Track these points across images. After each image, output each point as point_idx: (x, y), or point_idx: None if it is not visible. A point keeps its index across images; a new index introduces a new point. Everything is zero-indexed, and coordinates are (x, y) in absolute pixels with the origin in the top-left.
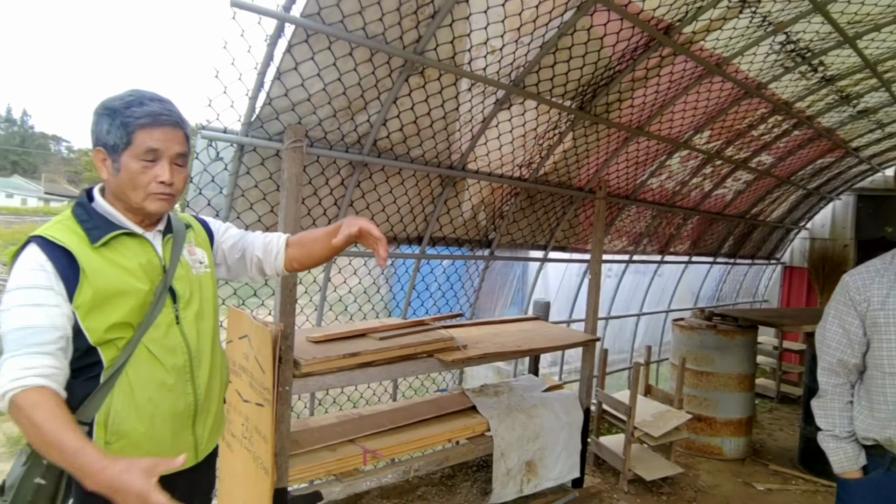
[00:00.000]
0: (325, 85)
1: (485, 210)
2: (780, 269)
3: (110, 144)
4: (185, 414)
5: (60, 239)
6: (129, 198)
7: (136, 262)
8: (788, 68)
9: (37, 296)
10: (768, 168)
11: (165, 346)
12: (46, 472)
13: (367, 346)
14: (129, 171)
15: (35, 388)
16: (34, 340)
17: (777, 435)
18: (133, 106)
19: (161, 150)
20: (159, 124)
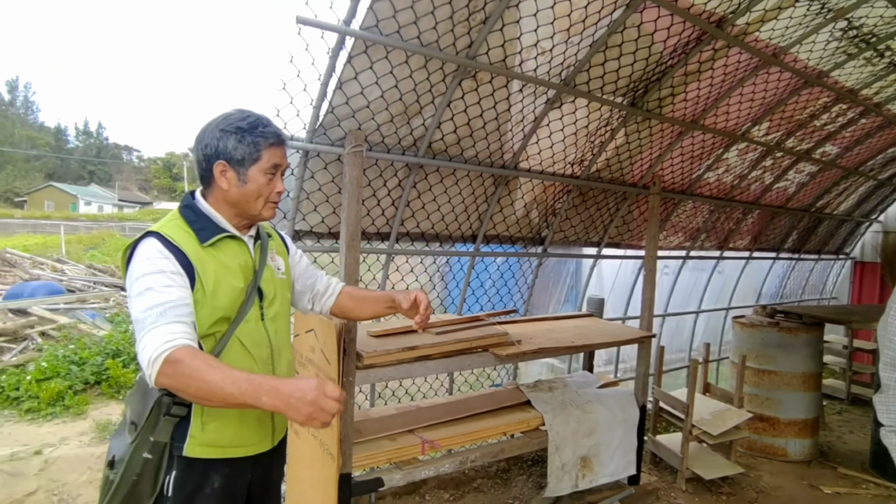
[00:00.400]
0: (383, 92)
1: (537, 208)
2: (850, 264)
3: (237, 158)
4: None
5: (175, 238)
6: (250, 206)
7: (235, 262)
8: (852, 55)
9: (167, 279)
10: (833, 159)
11: (253, 340)
12: (153, 447)
13: (425, 340)
14: (257, 182)
15: (185, 346)
16: (173, 313)
17: (847, 438)
18: (259, 126)
19: (281, 165)
20: (280, 143)
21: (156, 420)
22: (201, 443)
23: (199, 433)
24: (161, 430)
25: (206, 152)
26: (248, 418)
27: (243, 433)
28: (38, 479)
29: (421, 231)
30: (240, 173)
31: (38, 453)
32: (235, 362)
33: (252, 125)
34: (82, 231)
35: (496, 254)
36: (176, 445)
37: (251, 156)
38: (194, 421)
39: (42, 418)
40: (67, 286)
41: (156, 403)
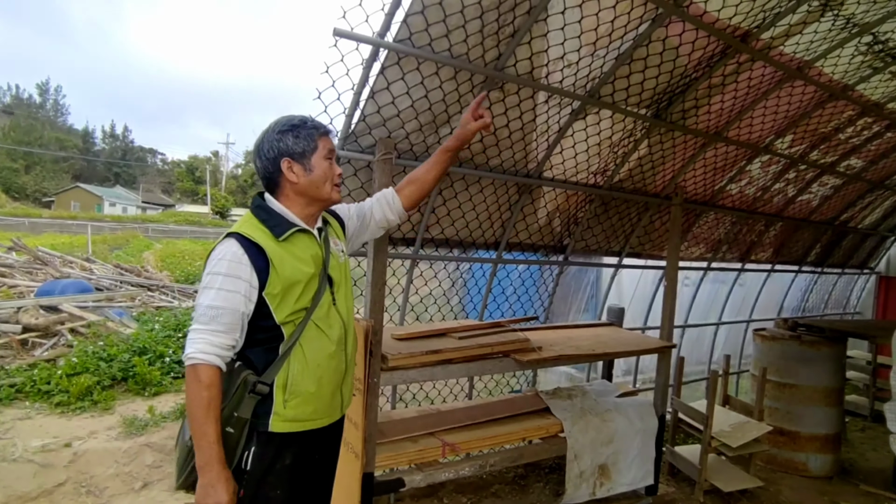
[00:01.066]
0: (413, 101)
1: (560, 216)
2: (875, 279)
3: (298, 152)
4: (339, 377)
5: (253, 236)
6: (320, 191)
7: (308, 253)
8: (877, 69)
9: (232, 283)
10: (858, 172)
11: (328, 322)
12: (235, 423)
13: (447, 344)
14: (322, 167)
15: (213, 367)
16: (223, 320)
17: (869, 455)
18: (308, 122)
19: (334, 150)
20: (329, 133)
21: (241, 397)
22: (284, 418)
23: (282, 409)
24: (244, 406)
25: (269, 156)
26: (323, 393)
27: (320, 407)
28: (67, 470)
29: (445, 237)
30: (304, 164)
31: (68, 446)
32: (314, 342)
33: (302, 121)
34: (107, 231)
35: (518, 261)
36: (259, 422)
37: (310, 146)
38: (277, 398)
39: (71, 412)
40: (95, 285)
41: (241, 381)
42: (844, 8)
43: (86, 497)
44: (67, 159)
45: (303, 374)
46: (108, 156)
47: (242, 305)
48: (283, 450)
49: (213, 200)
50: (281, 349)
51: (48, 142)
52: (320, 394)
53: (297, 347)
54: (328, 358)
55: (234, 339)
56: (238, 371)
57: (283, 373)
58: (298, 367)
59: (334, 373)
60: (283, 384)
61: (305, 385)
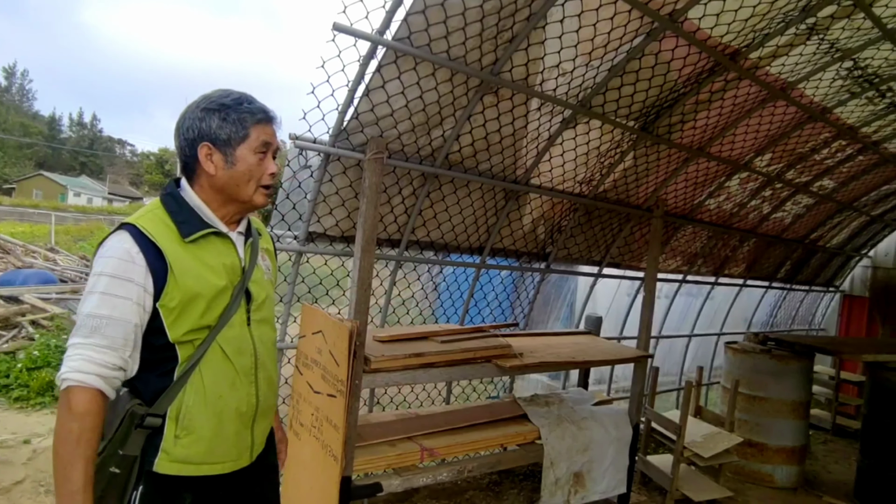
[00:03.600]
0: (408, 102)
1: (544, 224)
2: (839, 297)
3: (222, 138)
4: (248, 414)
5: (151, 232)
6: (240, 191)
7: (219, 261)
8: (855, 94)
9: (120, 287)
10: (830, 193)
11: (237, 347)
12: (121, 462)
13: (430, 347)
14: (247, 162)
15: (90, 391)
16: (106, 332)
17: (832, 467)
18: (244, 103)
19: (272, 144)
20: (270, 121)
21: (126, 432)
22: (173, 458)
23: (172, 447)
24: (131, 443)
25: (188, 136)
26: (225, 431)
27: (218, 448)
28: (26, 468)
29: (430, 240)
30: (227, 154)
31: (27, 442)
32: (215, 371)
33: (236, 101)
34: (71, 222)
35: (501, 267)
36: (146, 459)
37: (238, 134)
38: (167, 433)
39: (31, 407)
40: (59, 276)
41: (127, 414)
42: (830, 33)
43: (45, 496)
44: (31, 146)
45: (199, 405)
46: (75, 144)
47: (134, 315)
48: (181, 492)
49: None
50: (176, 374)
51: (12, 127)
52: (221, 432)
53: (196, 373)
54: (231, 388)
55: (121, 358)
56: (123, 400)
57: (178, 402)
58: (194, 398)
59: (239, 408)
60: (175, 416)
61: (201, 419)
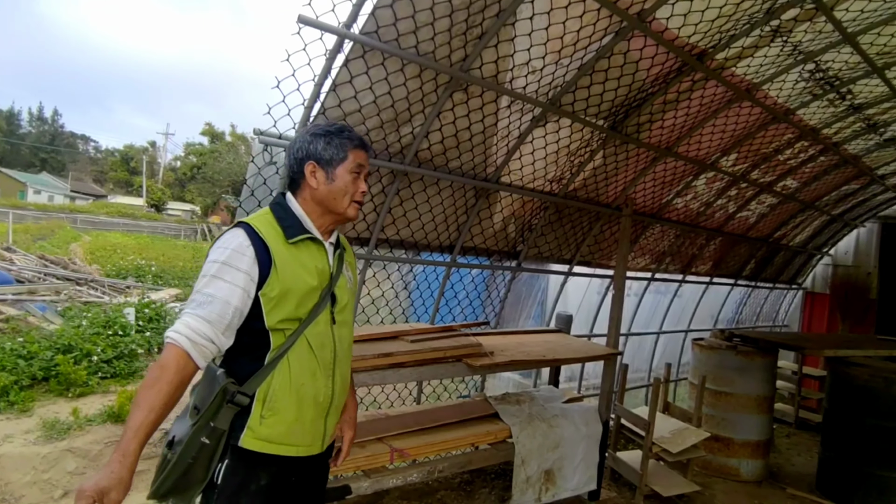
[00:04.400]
0: (376, 97)
1: (515, 222)
2: (802, 294)
3: (325, 158)
4: (324, 405)
5: (262, 230)
6: (337, 203)
7: (313, 263)
8: (817, 95)
9: (228, 273)
10: (793, 192)
11: (321, 342)
12: (211, 433)
13: (400, 347)
14: (344, 180)
15: (178, 349)
16: (211, 309)
17: (795, 460)
18: (345, 131)
19: (364, 167)
20: (364, 148)
21: (218, 406)
22: (257, 436)
23: (257, 425)
24: (222, 417)
25: (297, 155)
26: (304, 417)
27: (297, 432)
28: None
29: (400, 238)
30: (328, 172)
31: None
32: (301, 360)
33: (339, 129)
34: (30, 220)
35: (472, 265)
36: (233, 435)
37: (338, 156)
38: (254, 412)
39: None
40: (16, 276)
41: (221, 390)
42: (793, 35)
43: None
44: None
45: (284, 389)
46: (35, 140)
47: (236, 299)
48: (259, 469)
49: (148, 193)
50: (267, 359)
51: None
52: (300, 417)
53: (284, 361)
54: (312, 378)
55: (214, 332)
56: (219, 379)
57: (266, 385)
58: (280, 382)
59: (317, 397)
60: (263, 397)
61: (285, 403)
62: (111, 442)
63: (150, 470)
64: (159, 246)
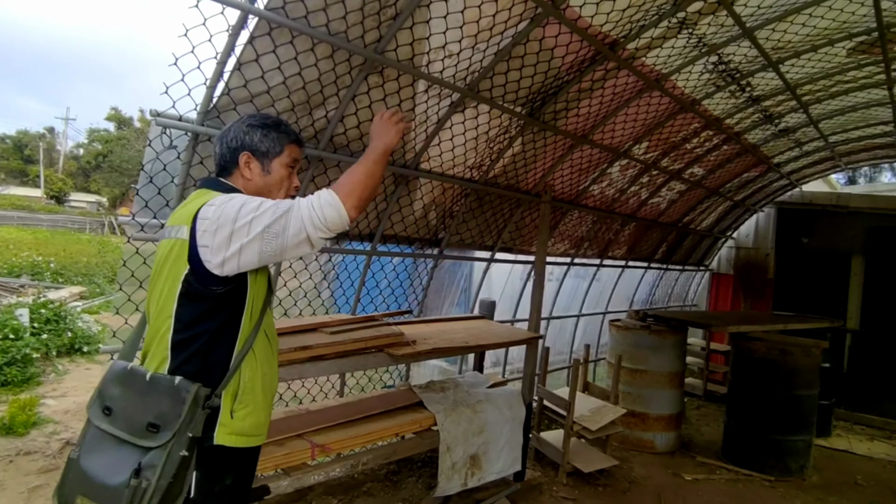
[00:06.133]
0: (286, 78)
1: (435, 209)
2: (709, 275)
3: (262, 150)
4: (274, 392)
5: None
6: (272, 196)
7: None
8: (720, 87)
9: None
10: (699, 180)
11: (271, 330)
12: (189, 443)
13: (319, 339)
14: (280, 174)
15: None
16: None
17: (704, 430)
18: (282, 125)
19: (299, 162)
20: (299, 143)
21: (192, 414)
22: (231, 430)
23: (229, 420)
24: (197, 424)
25: (231, 144)
26: (268, 406)
27: (262, 421)
28: None
29: None
30: (264, 164)
31: None
32: (263, 349)
33: (276, 123)
34: None
35: (393, 254)
36: (205, 437)
37: (274, 149)
38: (224, 408)
39: None
40: None
41: (193, 398)
42: (698, 28)
43: None
44: None
45: (253, 381)
46: None
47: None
48: (225, 469)
49: (47, 183)
50: (235, 351)
51: None
52: (266, 405)
53: (251, 354)
54: (270, 366)
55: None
56: (183, 387)
57: (235, 382)
58: (250, 374)
59: (273, 385)
60: (233, 392)
61: (255, 394)
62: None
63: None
64: (60, 240)
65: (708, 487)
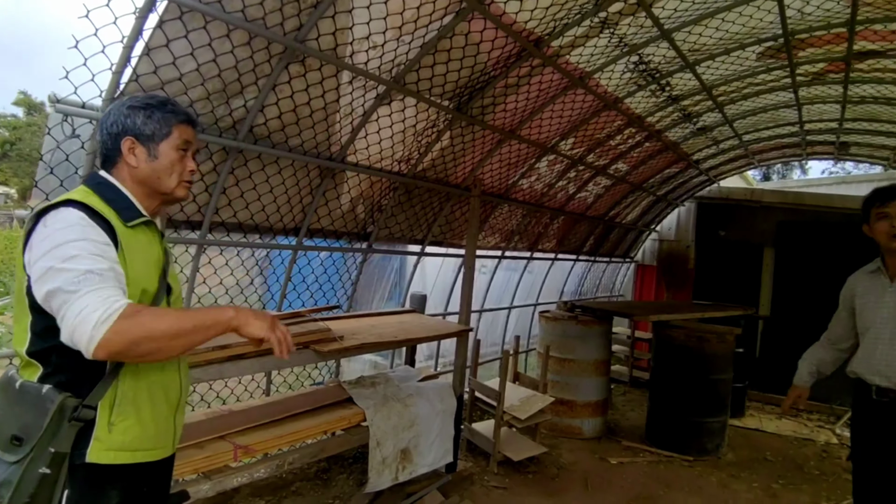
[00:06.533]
0: (199, 65)
1: (364, 203)
2: (634, 266)
3: (146, 134)
4: (174, 400)
5: (100, 209)
6: (163, 183)
7: (150, 250)
8: (641, 86)
9: (96, 248)
10: (624, 175)
11: None
12: (52, 460)
13: (239, 337)
14: (169, 157)
15: (133, 304)
16: (111, 278)
17: (629, 415)
18: (168, 104)
19: (193, 143)
20: (191, 122)
21: (57, 427)
22: (108, 446)
23: (106, 435)
24: (62, 438)
25: (112, 130)
26: (157, 416)
27: (151, 434)
28: None
29: (238, 221)
30: (150, 149)
31: None
32: (147, 363)
33: (161, 102)
34: None
35: (320, 248)
36: (76, 453)
37: (161, 131)
38: (100, 421)
39: None
40: None
41: (57, 408)
42: (619, 28)
43: None
44: None
45: (134, 389)
46: None
47: (120, 269)
48: (108, 487)
49: None
50: (108, 365)
51: None
52: (154, 416)
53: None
54: (161, 372)
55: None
56: (48, 396)
57: (112, 391)
58: (130, 382)
59: (168, 393)
60: (109, 403)
61: (137, 403)
62: None
63: None
64: None
65: (632, 469)
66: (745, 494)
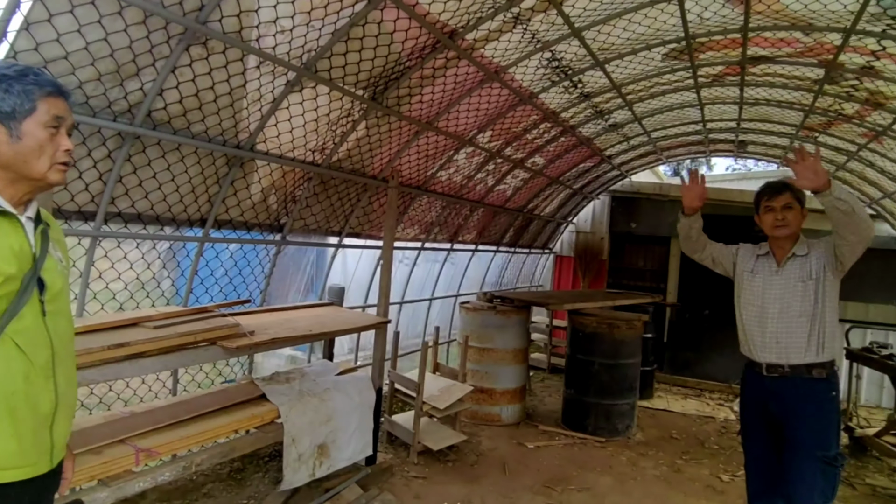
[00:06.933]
0: (88, 44)
1: (276, 194)
2: (552, 257)
3: (5, 111)
4: (47, 413)
5: None
6: (31, 167)
7: (8, 244)
8: (555, 82)
9: None
10: (541, 168)
11: (31, 339)
12: None
13: (139, 335)
14: (36, 137)
15: None
16: None
17: (546, 400)
18: (29, 75)
19: (65, 119)
20: (61, 94)
21: None
22: None
23: None
24: None
25: None
26: (22, 431)
27: (15, 451)
28: None
29: (137, 212)
30: (11, 128)
31: None
32: (9, 364)
33: (20, 72)
34: None
35: (229, 240)
36: None
37: (23, 107)
38: None
39: None
40: None
41: None
42: (532, 24)
43: None
44: None
45: None
46: None
47: None
48: None
49: None
50: None
51: None
52: (17, 431)
53: None
54: (27, 383)
55: None
56: None
57: None
58: None
59: (37, 406)
60: None
61: None
62: None
63: None
64: None
65: (548, 453)
66: (651, 471)
